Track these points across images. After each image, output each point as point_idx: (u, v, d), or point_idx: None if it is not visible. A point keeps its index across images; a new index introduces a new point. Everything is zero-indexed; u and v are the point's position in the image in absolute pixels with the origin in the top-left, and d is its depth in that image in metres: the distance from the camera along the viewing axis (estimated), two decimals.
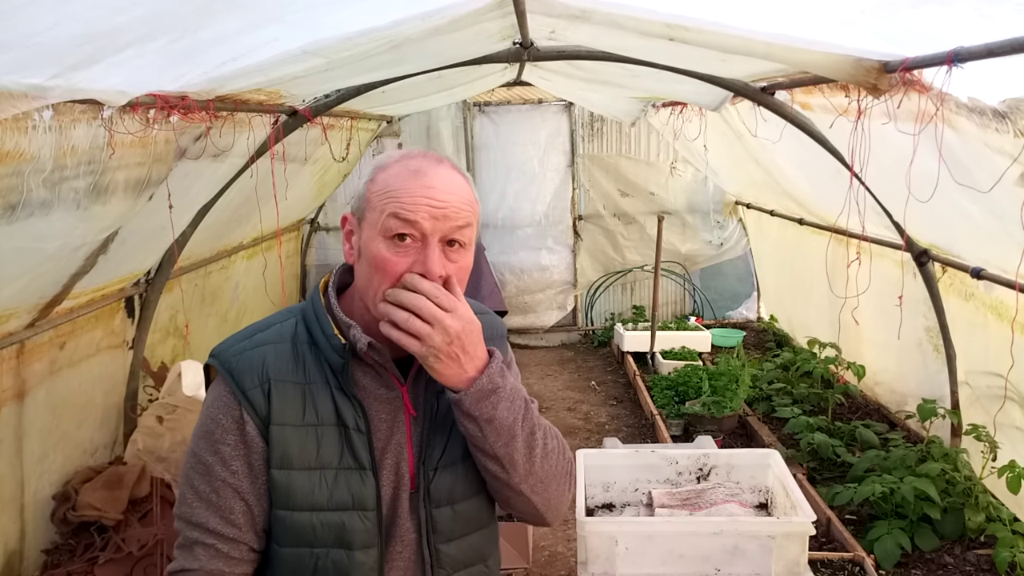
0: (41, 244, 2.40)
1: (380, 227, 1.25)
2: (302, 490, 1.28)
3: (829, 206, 4.19)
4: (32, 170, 1.97)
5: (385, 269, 1.25)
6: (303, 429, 1.29)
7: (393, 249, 1.25)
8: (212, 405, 1.31)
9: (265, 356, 1.31)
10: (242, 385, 1.28)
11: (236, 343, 1.34)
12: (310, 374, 1.31)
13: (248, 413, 1.28)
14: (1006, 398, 3.13)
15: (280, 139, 3.71)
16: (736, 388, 4.92)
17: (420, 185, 1.26)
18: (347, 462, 1.30)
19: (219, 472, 1.28)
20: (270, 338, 1.34)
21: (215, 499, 1.28)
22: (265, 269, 5.57)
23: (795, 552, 2.49)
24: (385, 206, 1.25)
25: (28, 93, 1.64)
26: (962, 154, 2.38)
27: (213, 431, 1.29)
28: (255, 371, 1.29)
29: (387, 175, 1.28)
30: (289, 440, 1.28)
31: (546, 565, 3.74)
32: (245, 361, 1.30)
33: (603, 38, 2.99)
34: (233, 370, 1.30)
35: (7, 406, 2.88)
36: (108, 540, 3.12)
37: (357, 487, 1.30)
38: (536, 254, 7.46)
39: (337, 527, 1.29)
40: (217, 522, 1.28)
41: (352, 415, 1.31)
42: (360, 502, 1.30)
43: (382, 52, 2.61)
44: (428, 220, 1.25)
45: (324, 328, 1.32)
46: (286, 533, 1.29)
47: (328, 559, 1.29)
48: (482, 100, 7.12)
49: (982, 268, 3.27)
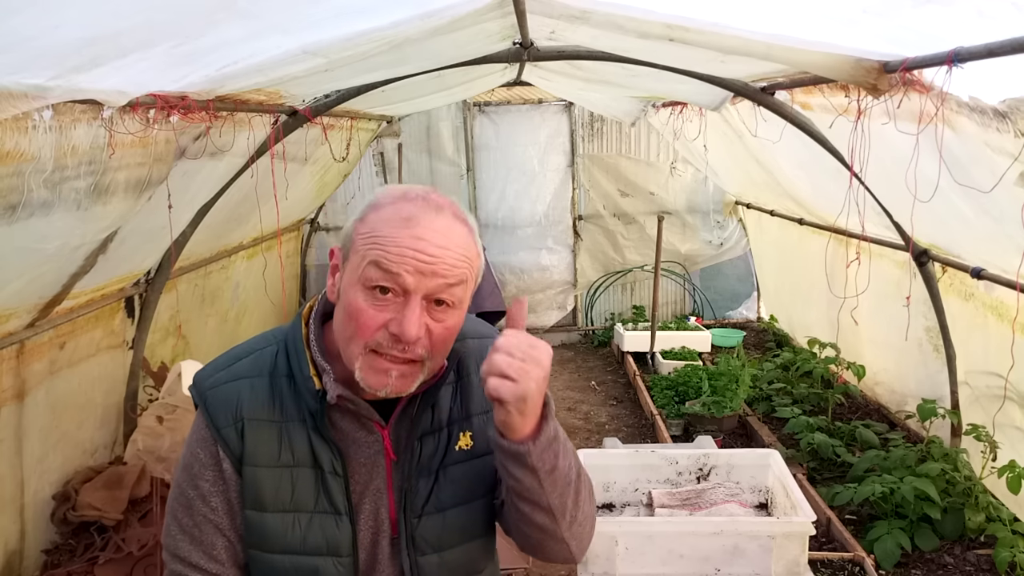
0: (41, 244, 2.40)
1: (360, 274, 1.15)
2: (275, 532, 1.23)
3: (829, 206, 4.20)
4: (33, 170, 1.97)
5: (359, 321, 1.15)
6: (278, 470, 1.24)
7: (371, 301, 1.15)
8: (192, 437, 1.27)
9: (240, 392, 1.25)
10: (216, 423, 1.24)
11: (214, 372, 1.28)
12: (287, 411, 1.25)
13: (223, 450, 1.24)
14: (1006, 398, 3.13)
15: (280, 139, 3.71)
16: (736, 388, 4.92)
17: (409, 235, 1.13)
18: (322, 506, 1.25)
19: (199, 507, 1.24)
20: (247, 370, 1.27)
21: (197, 533, 1.25)
22: (265, 269, 5.57)
23: (795, 552, 2.49)
24: (368, 252, 1.14)
25: (28, 93, 1.64)
26: (962, 154, 2.38)
27: (192, 464, 1.25)
28: (229, 409, 1.24)
29: (378, 217, 1.17)
30: (262, 481, 1.23)
31: (546, 565, 3.74)
32: (220, 397, 1.25)
33: (603, 38, 2.99)
34: (208, 405, 1.25)
35: (7, 406, 2.88)
36: (108, 540, 3.12)
37: (332, 532, 1.25)
38: (536, 254, 7.46)
39: (310, 571, 1.24)
40: (200, 557, 1.25)
41: (329, 458, 1.24)
42: (334, 548, 1.25)
43: (382, 52, 2.61)
44: (412, 275, 1.13)
45: (301, 367, 1.25)
46: (260, 573, 1.27)
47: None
48: (482, 100, 7.11)
49: (982, 268, 3.27)
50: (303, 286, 7.38)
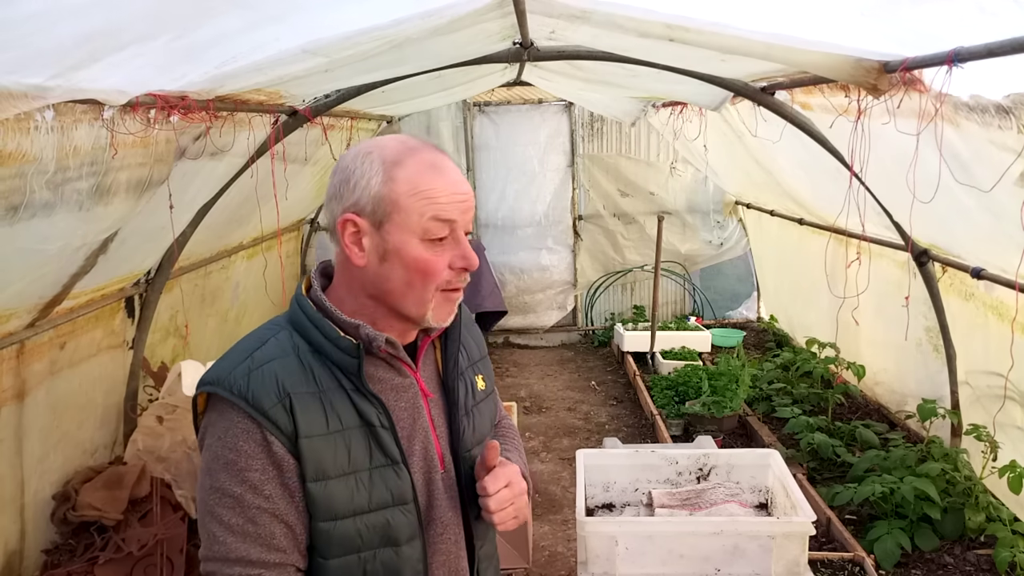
0: (43, 245, 2.40)
1: (420, 230, 1.24)
2: (342, 498, 1.25)
3: (829, 206, 4.20)
4: (35, 171, 1.97)
5: (429, 271, 1.26)
6: (331, 437, 1.25)
7: (433, 250, 1.26)
8: (226, 434, 1.22)
9: (276, 372, 1.25)
10: (260, 406, 1.21)
11: (236, 366, 1.26)
12: (322, 382, 1.27)
13: (272, 433, 1.22)
14: (1006, 398, 3.13)
15: (280, 139, 3.71)
16: (736, 388, 4.92)
17: (448, 181, 1.26)
18: (378, 460, 1.28)
19: (251, 500, 1.21)
20: (273, 353, 1.28)
21: (252, 528, 1.22)
22: (265, 269, 5.57)
23: (795, 552, 2.49)
24: (424, 209, 1.24)
25: (28, 93, 1.64)
26: (963, 154, 2.38)
27: (235, 460, 1.21)
28: (271, 388, 1.23)
29: (407, 173, 1.24)
30: (320, 451, 1.24)
31: (546, 565, 3.74)
32: (257, 381, 1.23)
33: (603, 38, 2.99)
34: (245, 393, 1.22)
35: (7, 406, 2.88)
36: (108, 540, 3.12)
37: (394, 482, 1.29)
38: (536, 254, 7.46)
39: (382, 527, 1.28)
40: (259, 551, 1.22)
41: (375, 413, 1.28)
42: (400, 497, 1.29)
43: (382, 52, 2.61)
44: (460, 216, 1.27)
45: (327, 332, 1.27)
46: (332, 544, 1.26)
47: (377, 561, 1.28)
48: (482, 100, 7.12)
49: (982, 268, 3.27)
50: None
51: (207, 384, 1.26)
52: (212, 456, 1.24)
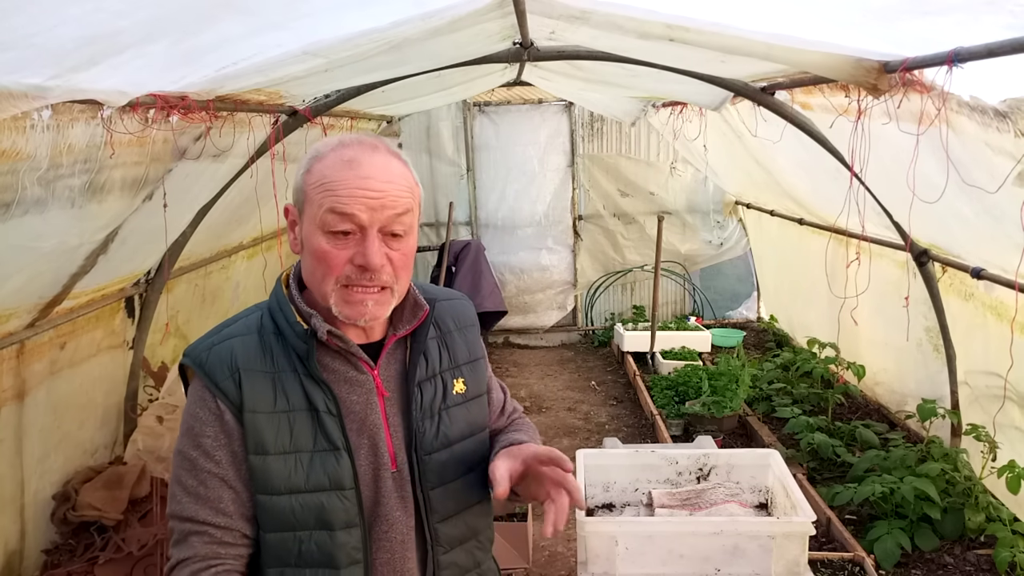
0: (37, 243, 2.40)
1: (318, 221, 1.27)
2: (279, 474, 1.30)
3: (829, 206, 4.20)
4: (27, 168, 1.97)
5: (326, 262, 1.27)
6: (275, 416, 1.31)
7: (333, 242, 1.27)
8: (190, 402, 1.34)
9: (233, 348, 1.33)
10: (214, 377, 1.31)
11: (205, 340, 1.37)
12: (278, 363, 1.33)
13: (223, 402, 1.30)
14: (1006, 398, 3.13)
15: (280, 139, 3.71)
16: (736, 388, 4.92)
17: (355, 176, 1.25)
18: (321, 444, 1.32)
19: (203, 464, 1.30)
20: (236, 331, 1.37)
21: (203, 491, 1.30)
22: (265, 269, 5.57)
23: (795, 552, 2.49)
24: (323, 200, 1.26)
25: (28, 93, 1.64)
26: (963, 154, 2.38)
27: (193, 426, 1.31)
28: (224, 363, 1.31)
29: (322, 166, 1.28)
30: (262, 427, 1.30)
31: (546, 565, 3.74)
32: (214, 355, 1.33)
33: (603, 39, 2.99)
34: (204, 364, 1.32)
35: (7, 406, 2.88)
36: (108, 540, 3.12)
37: (332, 467, 1.32)
38: (536, 254, 7.46)
39: (316, 508, 1.31)
40: (207, 513, 1.30)
41: (322, 398, 1.33)
42: (336, 482, 1.32)
43: (382, 52, 2.61)
44: (365, 212, 1.25)
45: (287, 316, 1.34)
46: (268, 518, 1.31)
47: (311, 541, 1.32)
48: (482, 100, 7.11)
49: (982, 268, 3.27)
50: None
51: (184, 356, 1.37)
52: (182, 421, 1.35)
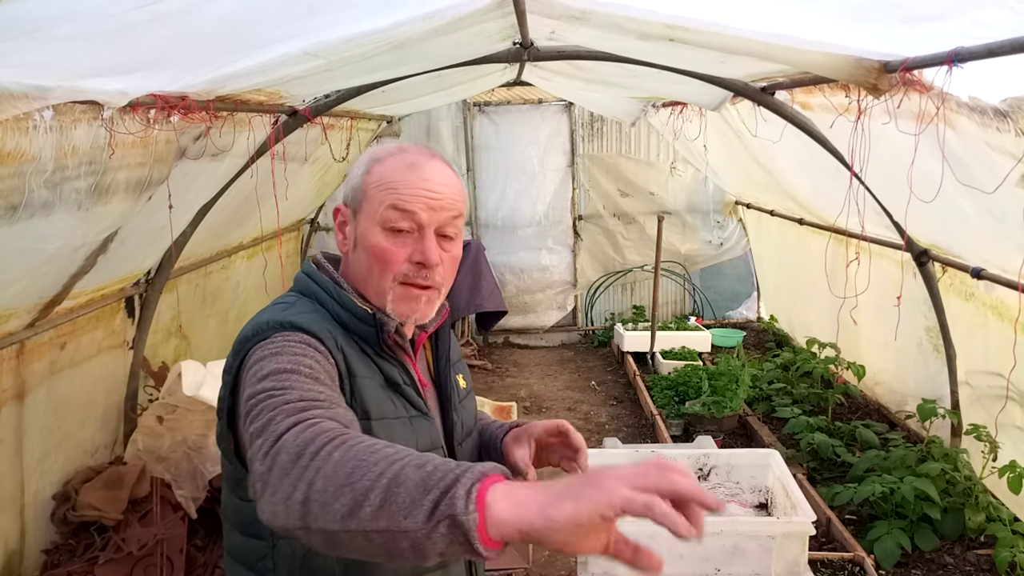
0: (42, 245, 2.40)
1: (379, 218, 1.29)
2: (403, 437, 1.26)
3: (829, 206, 4.19)
4: (34, 171, 1.97)
5: (385, 259, 1.29)
6: (373, 384, 1.27)
7: (392, 240, 1.29)
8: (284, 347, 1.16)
9: (325, 323, 1.26)
10: (321, 337, 1.22)
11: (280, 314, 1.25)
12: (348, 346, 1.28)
13: (335, 354, 1.22)
14: (1007, 398, 3.13)
15: (280, 139, 3.71)
16: (736, 388, 4.92)
17: (417, 177, 1.29)
18: (412, 411, 1.32)
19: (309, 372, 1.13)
20: (311, 312, 1.28)
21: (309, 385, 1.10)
22: (265, 269, 5.57)
23: (795, 552, 2.49)
24: (384, 198, 1.29)
25: (29, 93, 1.64)
26: (963, 154, 2.38)
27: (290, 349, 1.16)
28: (323, 328, 1.24)
29: (384, 168, 1.31)
30: (369, 394, 1.26)
31: (546, 565, 3.74)
32: (310, 322, 1.24)
33: (603, 39, 2.99)
34: (304, 327, 1.22)
35: (7, 406, 2.88)
36: (108, 540, 3.12)
37: (431, 429, 1.34)
38: (536, 254, 7.46)
39: None
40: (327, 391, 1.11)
41: (398, 372, 1.32)
42: (437, 442, 1.35)
43: (382, 53, 2.61)
44: (425, 211, 1.29)
45: (345, 304, 1.31)
46: None
47: None
48: (482, 100, 7.11)
49: (982, 268, 3.27)
50: None
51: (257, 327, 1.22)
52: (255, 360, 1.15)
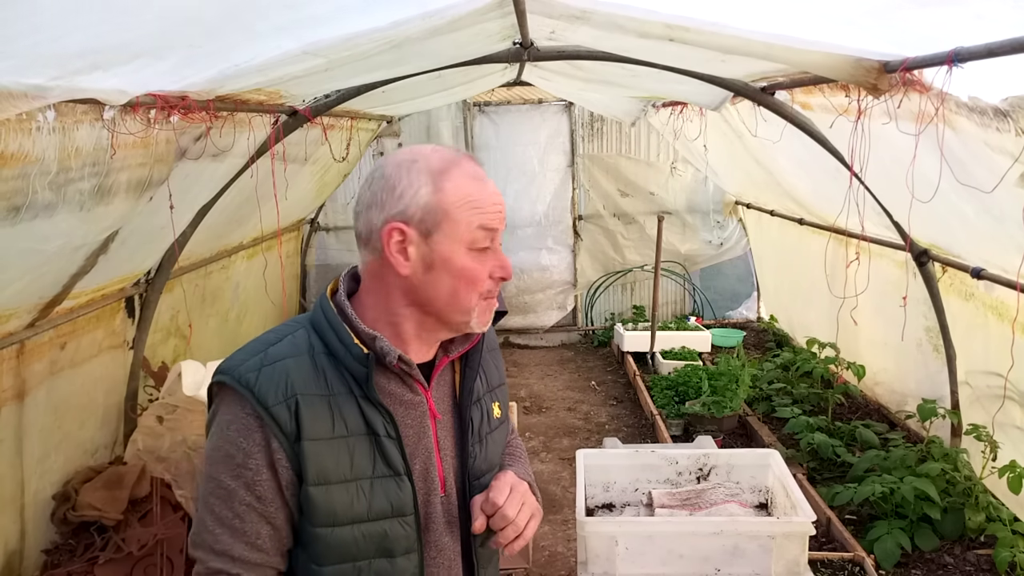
0: (43, 245, 2.40)
1: (468, 240, 1.26)
2: (342, 504, 1.25)
3: (829, 206, 4.19)
4: (38, 172, 1.97)
5: (474, 279, 1.28)
6: (334, 442, 1.25)
7: (479, 259, 1.28)
8: (229, 427, 1.23)
9: (287, 370, 1.25)
10: (264, 402, 1.22)
11: (249, 358, 1.27)
12: (332, 385, 1.27)
13: (273, 432, 1.22)
14: (1006, 398, 3.13)
15: (280, 139, 3.71)
16: (736, 388, 4.92)
17: (489, 192, 1.29)
18: (381, 470, 1.28)
19: (243, 496, 1.23)
20: (287, 351, 1.28)
21: (239, 524, 1.23)
22: (265, 269, 5.57)
23: (795, 552, 2.49)
24: (471, 218, 1.26)
25: (28, 93, 1.64)
26: (963, 154, 2.38)
27: (234, 455, 1.22)
28: (278, 386, 1.23)
29: (454, 183, 1.25)
30: (323, 455, 1.24)
31: (546, 565, 3.74)
32: (265, 377, 1.24)
33: (603, 39, 2.99)
34: (252, 387, 1.23)
35: (7, 406, 2.88)
36: (108, 540, 3.12)
37: (394, 493, 1.29)
38: (536, 254, 7.46)
39: (379, 537, 1.27)
40: (242, 549, 1.23)
41: (381, 422, 1.28)
42: (399, 508, 1.29)
43: (382, 52, 2.61)
44: (500, 224, 1.30)
45: (342, 338, 1.28)
46: (328, 551, 1.26)
47: (371, 570, 1.28)
48: (482, 100, 7.11)
49: (982, 268, 3.26)
50: (303, 286, 7.38)
51: (220, 373, 1.27)
52: (213, 445, 1.25)
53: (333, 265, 7.38)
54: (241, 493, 1.22)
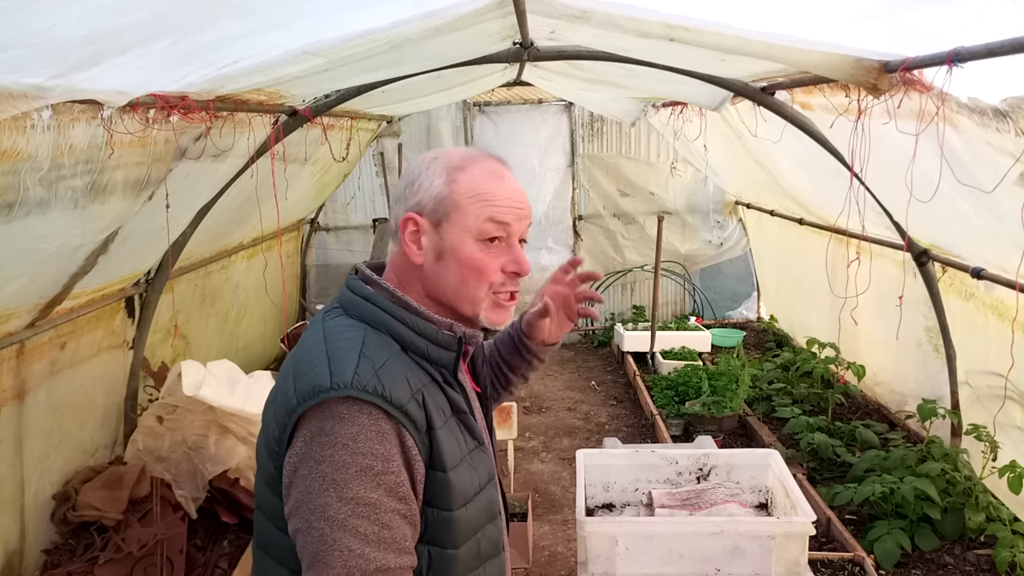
0: (40, 244, 2.40)
1: (475, 230, 1.30)
2: (469, 482, 1.30)
3: (829, 206, 4.19)
4: (29, 168, 1.97)
5: (483, 270, 1.31)
6: (446, 427, 1.29)
7: (487, 250, 1.31)
8: (357, 440, 1.17)
9: (398, 368, 1.24)
10: (399, 403, 1.20)
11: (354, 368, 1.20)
12: (421, 378, 1.28)
13: (408, 430, 1.21)
14: (1006, 398, 3.13)
15: (280, 139, 3.71)
16: (736, 388, 4.92)
17: (506, 187, 1.33)
18: (471, 444, 1.35)
19: (388, 504, 1.19)
20: (382, 352, 1.25)
21: (388, 535, 1.19)
22: (265, 269, 5.57)
23: (795, 552, 2.49)
24: (480, 210, 1.30)
25: (28, 93, 1.64)
26: (963, 154, 2.38)
27: (372, 465, 1.17)
28: (403, 385, 1.22)
29: (470, 177, 1.31)
30: (446, 440, 1.27)
31: (546, 565, 3.74)
32: (387, 377, 1.21)
33: (603, 38, 2.99)
34: (382, 392, 1.19)
35: (7, 406, 2.88)
36: (108, 540, 3.12)
37: (487, 461, 1.37)
38: (536, 254, 7.45)
39: (488, 503, 1.35)
40: (395, 556, 1.19)
41: (463, 401, 1.35)
42: (491, 472, 1.38)
43: (382, 52, 2.61)
44: (516, 221, 1.33)
45: (424, 330, 1.30)
46: (463, 530, 1.28)
47: (485, 537, 1.34)
48: (482, 100, 7.12)
49: (982, 268, 3.27)
50: (303, 286, 7.37)
51: (327, 391, 1.18)
52: (338, 466, 1.17)
53: (333, 265, 7.37)
54: (385, 501, 1.19)
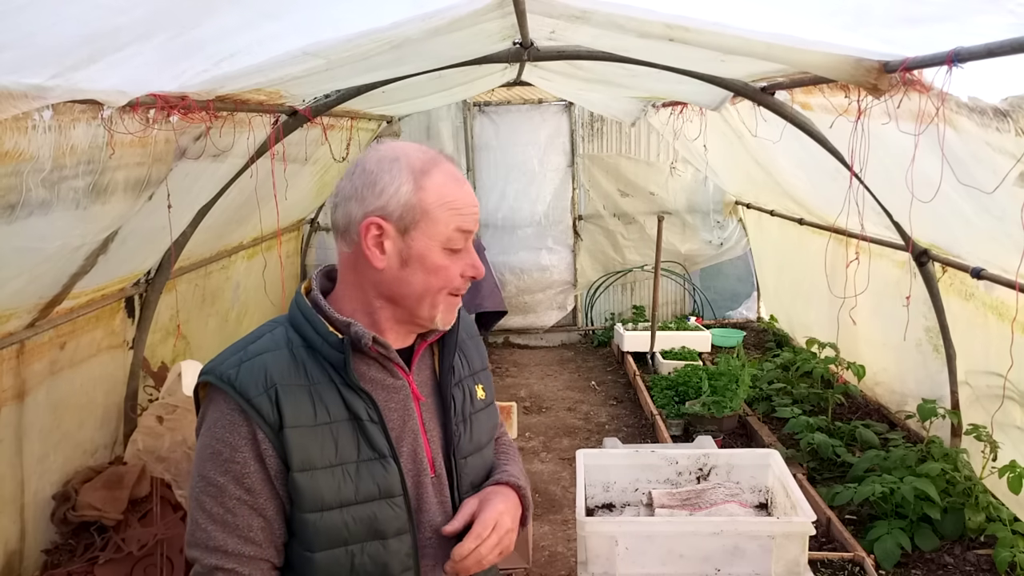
0: (41, 244, 2.40)
1: (444, 238, 1.31)
2: (329, 489, 1.28)
3: (829, 206, 4.19)
4: (31, 170, 1.97)
5: (447, 274, 1.33)
6: (317, 429, 1.28)
7: (451, 257, 1.33)
8: (215, 425, 1.28)
9: (266, 363, 1.29)
10: (246, 394, 1.26)
11: (229, 356, 1.32)
12: (312, 376, 1.31)
13: (257, 424, 1.26)
14: (1006, 398, 3.13)
15: (280, 139, 3.71)
16: (736, 388, 4.92)
17: (466, 193, 1.34)
18: (366, 454, 1.31)
19: (233, 491, 1.26)
20: (265, 346, 1.33)
21: (230, 519, 1.26)
22: (265, 269, 5.57)
23: (795, 552, 2.49)
24: (450, 220, 1.30)
25: (28, 93, 1.64)
26: (963, 154, 2.38)
27: (220, 451, 1.26)
28: (258, 380, 1.27)
29: (435, 183, 1.30)
30: (307, 442, 1.27)
31: (546, 565, 3.74)
32: (245, 372, 1.28)
33: (603, 38, 2.99)
34: (233, 382, 1.27)
35: (7, 406, 2.88)
36: (108, 540, 3.12)
37: (381, 475, 1.31)
38: (536, 254, 7.46)
39: (369, 519, 1.30)
40: (236, 543, 1.26)
41: (363, 407, 1.31)
42: (386, 490, 1.32)
43: (382, 52, 2.61)
44: (474, 227, 1.35)
45: (318, 328, 1.32)
46: (318, 536, 1.28)
47: (364, 554, 1.30)
48: (482, 100, 7.12)
49: (982, 268, 3.26)
50: None
51: (203, 374, 1.32)
52: (202, 444, 1.29)
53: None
54: (231, 488, 1.26)
